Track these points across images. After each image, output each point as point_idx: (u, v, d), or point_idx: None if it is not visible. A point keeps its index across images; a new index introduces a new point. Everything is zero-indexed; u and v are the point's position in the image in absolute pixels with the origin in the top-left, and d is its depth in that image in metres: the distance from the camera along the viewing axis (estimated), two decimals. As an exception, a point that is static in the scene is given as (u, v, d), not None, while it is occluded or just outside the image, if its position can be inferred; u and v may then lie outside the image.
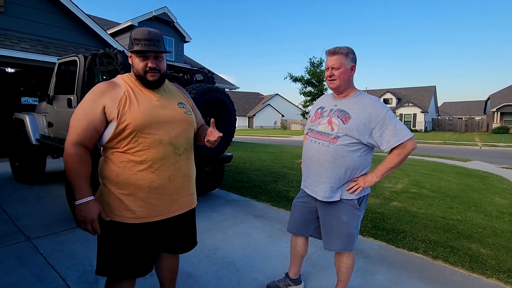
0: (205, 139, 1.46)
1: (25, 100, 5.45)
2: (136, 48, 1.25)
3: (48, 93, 3.98)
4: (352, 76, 1.67)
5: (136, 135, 1.22)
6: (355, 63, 1.66)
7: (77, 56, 3.36)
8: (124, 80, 1.32)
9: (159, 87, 1.35)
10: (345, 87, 1.66)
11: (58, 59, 3.94)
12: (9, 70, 8.16)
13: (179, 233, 1.45)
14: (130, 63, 1.32)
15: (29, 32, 7.08)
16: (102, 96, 1.22)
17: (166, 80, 1.42)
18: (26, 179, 4.44)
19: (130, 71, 1.35)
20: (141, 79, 1.28)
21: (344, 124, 1.58)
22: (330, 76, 1.64)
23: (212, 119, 1.49)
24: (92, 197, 1.21)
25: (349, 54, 1.62)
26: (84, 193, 1.19)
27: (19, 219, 3.04)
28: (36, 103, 4.81)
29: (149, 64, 1.26)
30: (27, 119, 4.20)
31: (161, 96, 1.34)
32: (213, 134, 1.42)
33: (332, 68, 1.62)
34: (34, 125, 4.16)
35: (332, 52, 1.63)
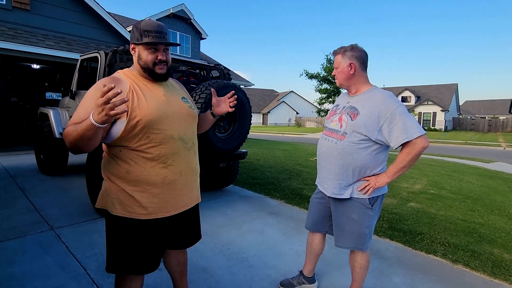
0: (216, 109, 1.57)
1: (49, 95, 5.70)
2: (146, 40, 1.21)
3: (71, 88, 4.13)
4: (354, 73, 1.62)
5: (147, 131, 1.19)
6: (356, 60, 1.61)
7: (99, 53, 3.45)
8: (126, 75, 1.28)
9: (166, 80, 1.34)
10: (348, 85, 1.68)
11: (81, 56, 4.07)
12: (35, 66, 8.52)
13: (186, 227, 1.46)
14: (134, 55, 1.27)
15: (53, 29, 7.36)
16: None
17: None
18: (50, 171, 4.64)
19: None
20: (150, 72, 1.26)
21: (352, 120, 1.57)
22: (334, 76, 1.72)
23: (213, 89, 1.57)
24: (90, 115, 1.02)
25: (346, 53, 1.62)
26: (88, 118, 1.02)
27: (44, 209, 3.18)
28: (60, 98, 5.01)
29: (159, 57, 1.24)
30: (51, 113, 4.37)
31: (166, 91, 1.32)
32: (223, 101, 1.56)
33: (335, 68, 1.70)
34: (57, 119, 4.32)
35: (334, 53, 1.70)
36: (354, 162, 1.57)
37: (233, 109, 1.59)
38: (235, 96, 1.58)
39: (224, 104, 1.58)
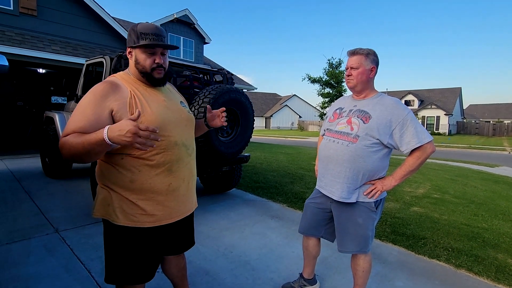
0: (211, 123, 1.58)
1: (55, 99, 5.79)
2: (143, 42, 1.17)
3: (77, 92, 4.19)
4: (372, 78, 1.66)
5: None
6: (376, 65, 1.65)
7: (104, 58, 3.51)
8: (124, 79, 1.22)
9: (163, 85, 1.31)
10: (362, 88, 1.66)
11: (86, 60, 4.13)
12: (41, 70, 8.64)
13: (183, 233, 1.45)
14: (131, 59, 1.24)
15: (60, 34, 7.48)
16: (105, 99, 1.11)
17: None
18: (55, 174, 4.69)
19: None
20: (147, 76, 1.22)
21: (365, 123, 1.57)
22: (348, 76, 1.67)
23: (208, 106, 1.58)
24: (105, 129, 0.99)
25: (369, 55, 1.62)
26: (99, 132, 1.00)
27: (48, 212, 3.22)
28: (65, 102, 5.08)
29: (157, 60, 1.20)
30: (56, 117, 4.43)
31: (165, 95, 1.30)
32: (217, 115, 1.56)
33: (351, 68, 1.65)
34: (63, 123, 4.38)
35: (352, 53, 1.65)
36: (365, 166, 1.58)
37: (226, 123, 1.62)
38: (225, 113, 1.60)
39: (217, 119, 1.58)
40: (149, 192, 1.20)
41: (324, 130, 1.81)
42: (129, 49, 1.24)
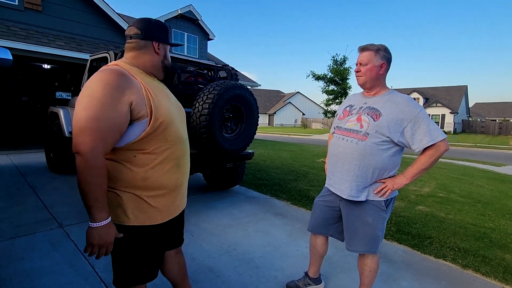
0: None
1: (59, 94, 5.80)
2: (170, 41, 1.27)
3: (81, 88, 4.19)
4: (382, 74, 1.62)
5: (166, 132, 1.14)
6: (387, 61, 1.60)
7: (108, 53, 3.49)
8: (129, 70, 1.14)
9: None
10: (372, 84, 1.62)
11: (90, 56, 4.12)
12: (46, 66, 8.66)
13: (179, 227, 1.45)
14: (158, 55, 1.21)
15: (64, 30, 7.48)
16: (123, 92, 1.03)
17: None
18: (59, 169, 4.70)
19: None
20: (165, 70, 1.28)
21: (375, 121, 1.54)
22: (357, 72, 1.63)
23: None
24: (110, 218, 1.07)
25: (379, 51, 1.58)
26: (105, 213, 1.04)
27: (53, 207, 3.23)
28: (70, 97, 5.08)
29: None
30: (61, 112, 4.44)
31: (167, 89, 1.32)
32: None
33: (360, 64, 1.61)
34: (67, 118, 4.38)
35: (362, 49, 1.62)
36: (374, 164, 1.55)
37: None
38: None
39: None
40: (161, 188, 1.19)
41: (334, 128, 1.77)
42: (157, 44, 1.20)
